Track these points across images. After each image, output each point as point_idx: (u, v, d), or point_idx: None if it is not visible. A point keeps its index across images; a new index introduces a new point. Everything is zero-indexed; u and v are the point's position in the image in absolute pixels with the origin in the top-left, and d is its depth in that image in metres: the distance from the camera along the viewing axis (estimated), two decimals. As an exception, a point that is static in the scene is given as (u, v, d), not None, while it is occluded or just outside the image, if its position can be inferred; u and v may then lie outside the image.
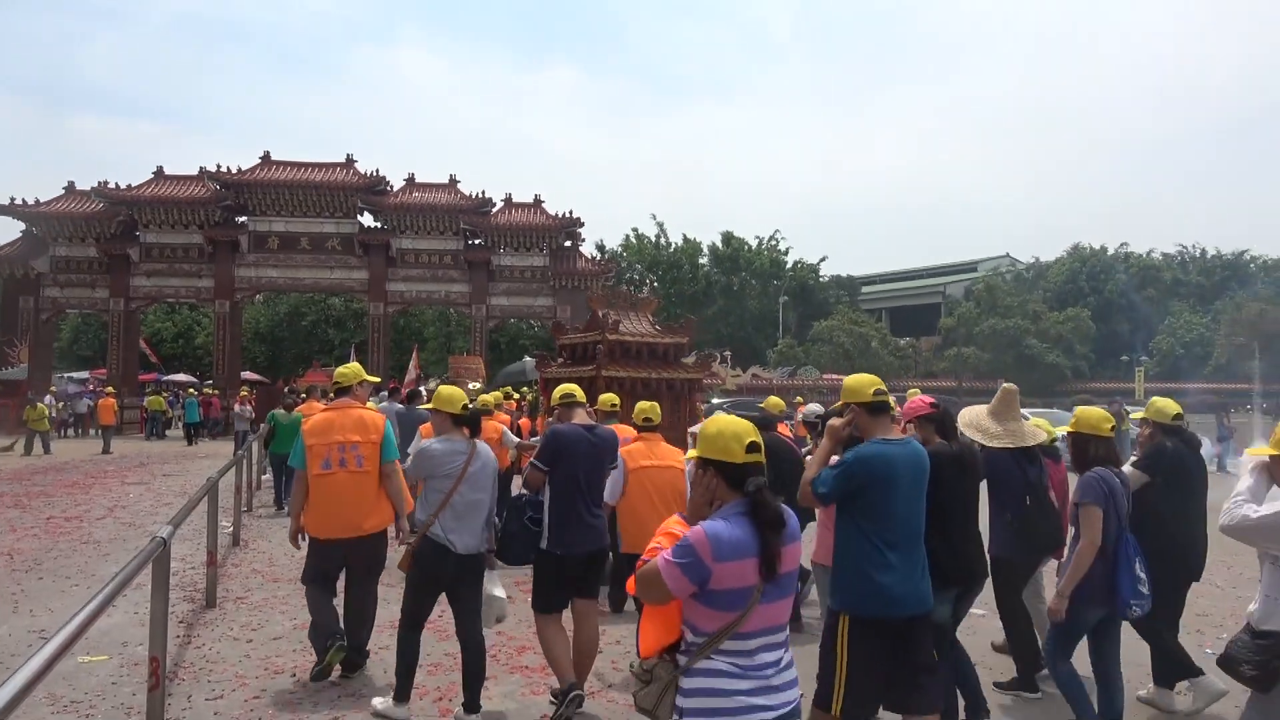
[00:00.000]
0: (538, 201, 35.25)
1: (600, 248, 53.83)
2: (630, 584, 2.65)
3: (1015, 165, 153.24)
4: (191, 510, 6.18)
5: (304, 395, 16.67)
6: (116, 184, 32.16)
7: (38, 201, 32.13)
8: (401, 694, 4.78)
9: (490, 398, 9.39)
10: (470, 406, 5.00)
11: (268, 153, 33.48)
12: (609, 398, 6.90)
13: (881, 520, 3.58)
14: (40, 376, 31.43)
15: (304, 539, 5.54)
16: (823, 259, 59.28)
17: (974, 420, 5.50)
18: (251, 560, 9.07)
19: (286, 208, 33.05)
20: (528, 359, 34.22)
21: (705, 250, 54.10)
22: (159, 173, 33.42)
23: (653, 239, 55.16)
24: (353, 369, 5.98)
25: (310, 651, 5.71)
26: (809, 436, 7.05)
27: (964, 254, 70.88)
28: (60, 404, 30.03)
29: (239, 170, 32.62)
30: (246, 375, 38.41)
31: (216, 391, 30.40)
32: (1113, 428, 4.70)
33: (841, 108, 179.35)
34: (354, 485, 5.34)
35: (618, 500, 5.92)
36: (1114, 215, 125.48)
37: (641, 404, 6.47)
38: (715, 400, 24.92)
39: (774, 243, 54.87)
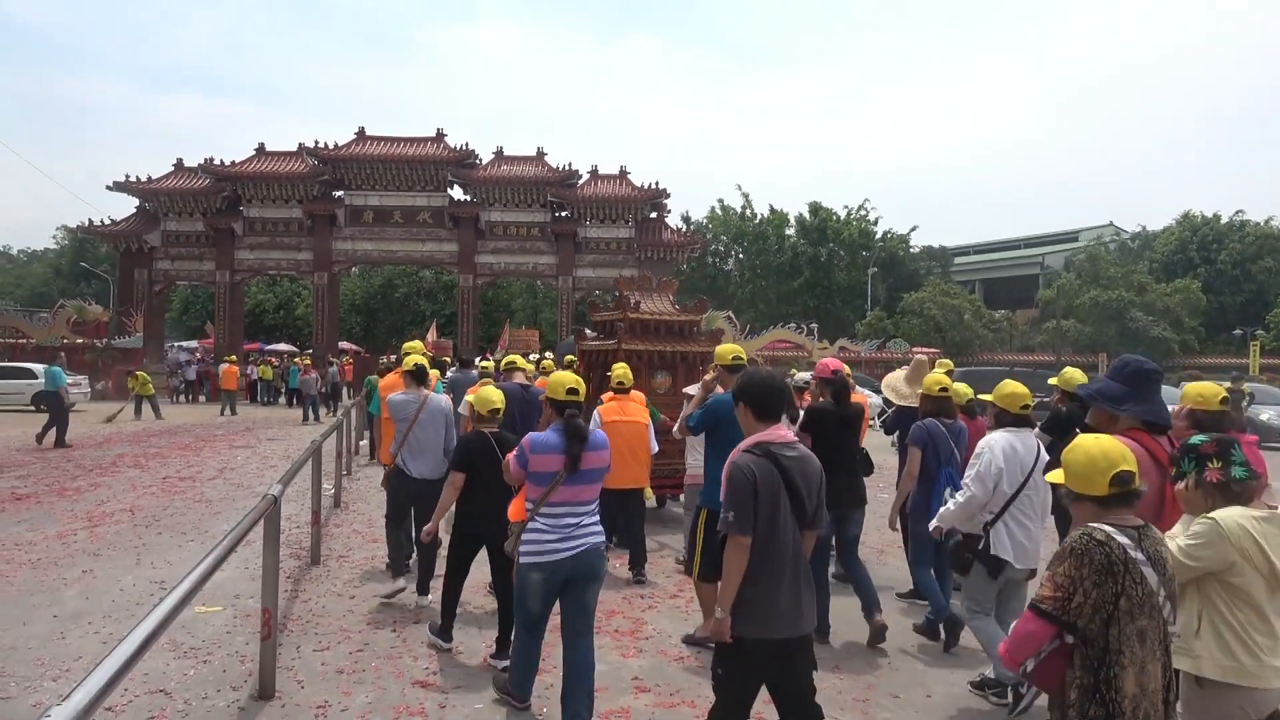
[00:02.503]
0: (623, 173, 35.26)
1: (686, 219, 53.50)
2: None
3: (1121, 129, 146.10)
4: (297, 472, 6.44)
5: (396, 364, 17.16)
6: (221, 160, 33.52)
7: (149, 178, 33.73)
8: (397, 571, 6.57)
9: (523, 363, 10.14)
10: (420, 365, 6.59)
11: (362, 129, 34.31)
12: (621, 369, 7.76)
13: (729, 448, 4.74)
14: (153, 345, 33.16)
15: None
16: (913, 229, 57.66)
17: (891, 383, 6.66)
18: (352, 521, 9.43)
19: (380, 182, 33.88)
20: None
21: (792, 221, 53.16)
22: (260, 149, 34.63)
23: (738, 210, 54.54)
24: (415, 346, 7.72)
25: (407, 608, 6.05)
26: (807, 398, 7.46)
27: (1064, 223, 68.13)
28: (168, 372, 31.67)
29: (335, 146, 33.56)
30: (343, 345, 39.69)
31: (338, 361, 31.23)
32: (944, 389, 5.83)
33: (931, 75, 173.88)
34: None
35: None
36: (1228, 181, 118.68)
37: (615, 369, 7.48)
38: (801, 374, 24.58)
39: (863, 213, 53.49)
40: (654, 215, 35.44)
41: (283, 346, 43.28)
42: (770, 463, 3.32)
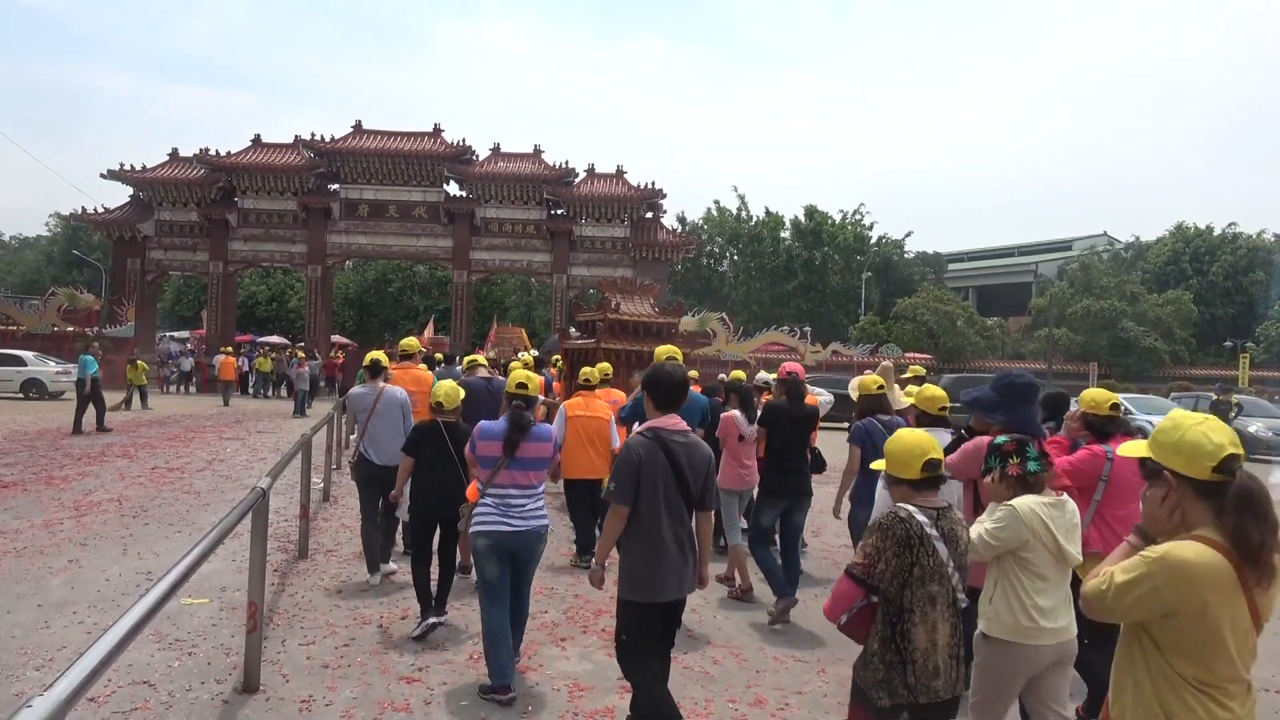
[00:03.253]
0: (620, 172, 35.23)
1: (681, 220, 53.54)
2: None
3: (1115, 139, 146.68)
4: (287, 465, 6.43)
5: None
6: (217, 151, 33.36)
7: (144, 167, 33.56)
8: (371, 567, 6.82)
9: (483, 360, 10.83)
10: (376, 360, 7.31)
11: (359, 122, 34.22)
12: (604, 367, 8.60)
13: None
14: (145, 335, 32.99)
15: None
16: (908, 234, 57.94)
17: (857, 385, 6.98)
18: (340, 516, 9.40)
19: (376, 176, 33.79)
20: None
21: (787, 224, 53.21)
22: (257, 140, 34.50)
23: (734, 212, 54.57)
24: (412, 343, 8.79)
25: (393, 604, 6.06)
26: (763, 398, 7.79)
27: (1058, 232, 68.36)
28: (161, 362, 31.54)
29: (332, 139, 33.44)
30: (336, 339, 39.58)
31: (319, 355, 31.19)
32: (880, 387, 6.27)
33: (931, 79, 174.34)
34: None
35: (560, 440, 6.88)
36: (1222, 193, 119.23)
37: (584, 369, 8.04)
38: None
39: (858, 217, 53.58)
40: (649, 215, 35.43)
41: (275, 339, 43.17)
42: (658, 446, 3.76)
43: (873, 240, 53.61)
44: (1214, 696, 2.12)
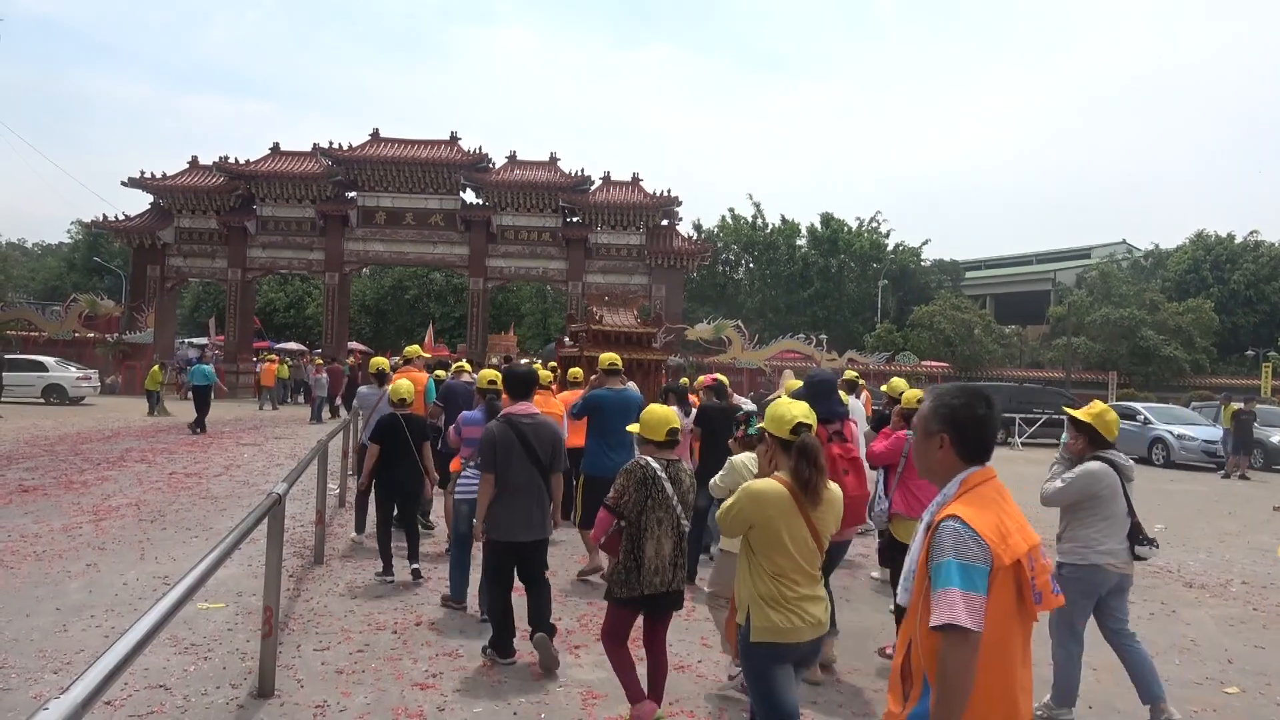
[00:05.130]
0: (635, 180, 35.28)
1: (697, 227, 53.52)
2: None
3: (1135, 146, 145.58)
4: (303, 471, 6.45)
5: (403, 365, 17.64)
6: (236, 159, 33.67)
7: (164, 175, 33.90)
8: (359, 528, 8.39)
9: (468, 366, 11.53)
10: (381, 369, 8.95)
11: (377, 130, 34.43)
12: (575, 372, 9.80)
13: (602, 429, 6.67)
14: (165, 341, 33.28)
15: None
16: (925, 242, 57.84)
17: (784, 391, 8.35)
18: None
19: (393, 184, 33.98)
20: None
21: (803, 231, 53.12)
22: (275, 148, 34.77)
23: (749, 219, 54.51)
24: (414, 350, 10.45)
25: (408, 610, 6.04)
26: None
27: (1077, 240, 67.92)
28: (180, 368, 31.78)
29: (350, 147, 33.67)
30: (353, 345, 39.78)
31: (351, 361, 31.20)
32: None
33: (947, 86, 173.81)
34: None
35: None
36: (1243, 200, 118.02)
37: (571, 369, 9.42)
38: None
39: (874, 225, 53.46)
40: (665, 222, 35.44)
41: (292, 345, 43.39)
42: (509, 427, 5.15)
43: (889, 248, 53.45)
44: (784, 582, 3.25)
